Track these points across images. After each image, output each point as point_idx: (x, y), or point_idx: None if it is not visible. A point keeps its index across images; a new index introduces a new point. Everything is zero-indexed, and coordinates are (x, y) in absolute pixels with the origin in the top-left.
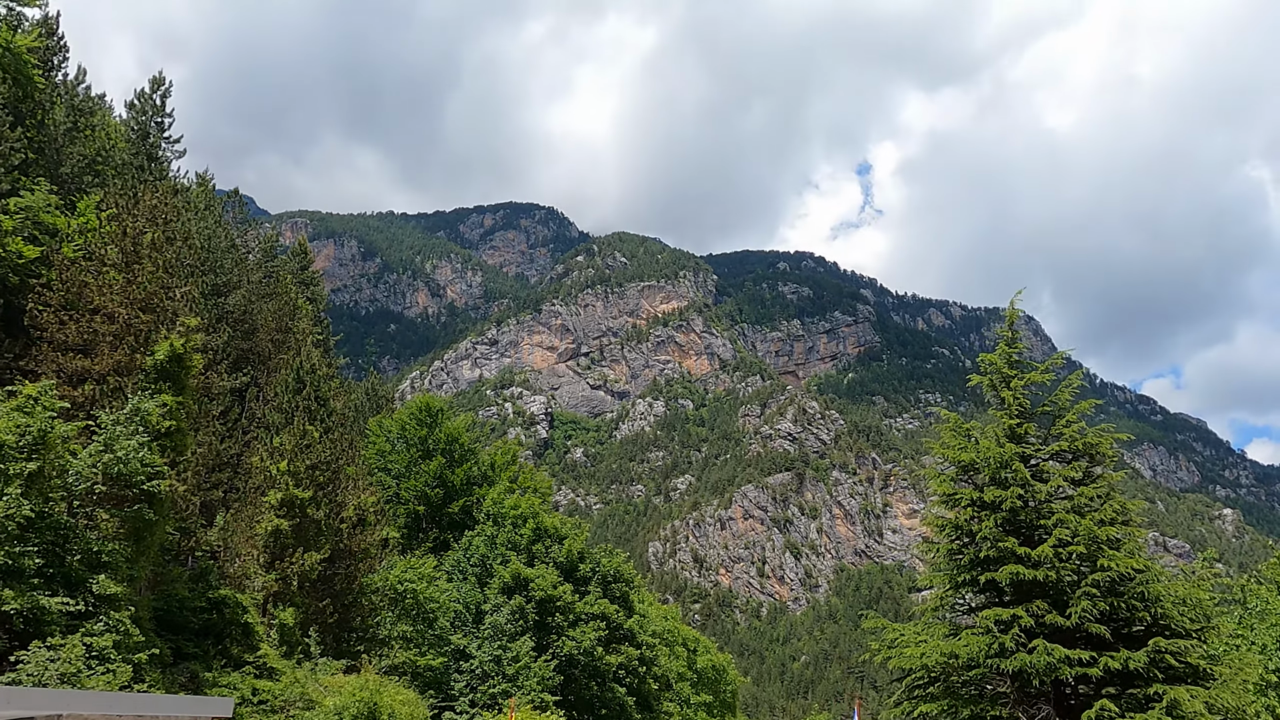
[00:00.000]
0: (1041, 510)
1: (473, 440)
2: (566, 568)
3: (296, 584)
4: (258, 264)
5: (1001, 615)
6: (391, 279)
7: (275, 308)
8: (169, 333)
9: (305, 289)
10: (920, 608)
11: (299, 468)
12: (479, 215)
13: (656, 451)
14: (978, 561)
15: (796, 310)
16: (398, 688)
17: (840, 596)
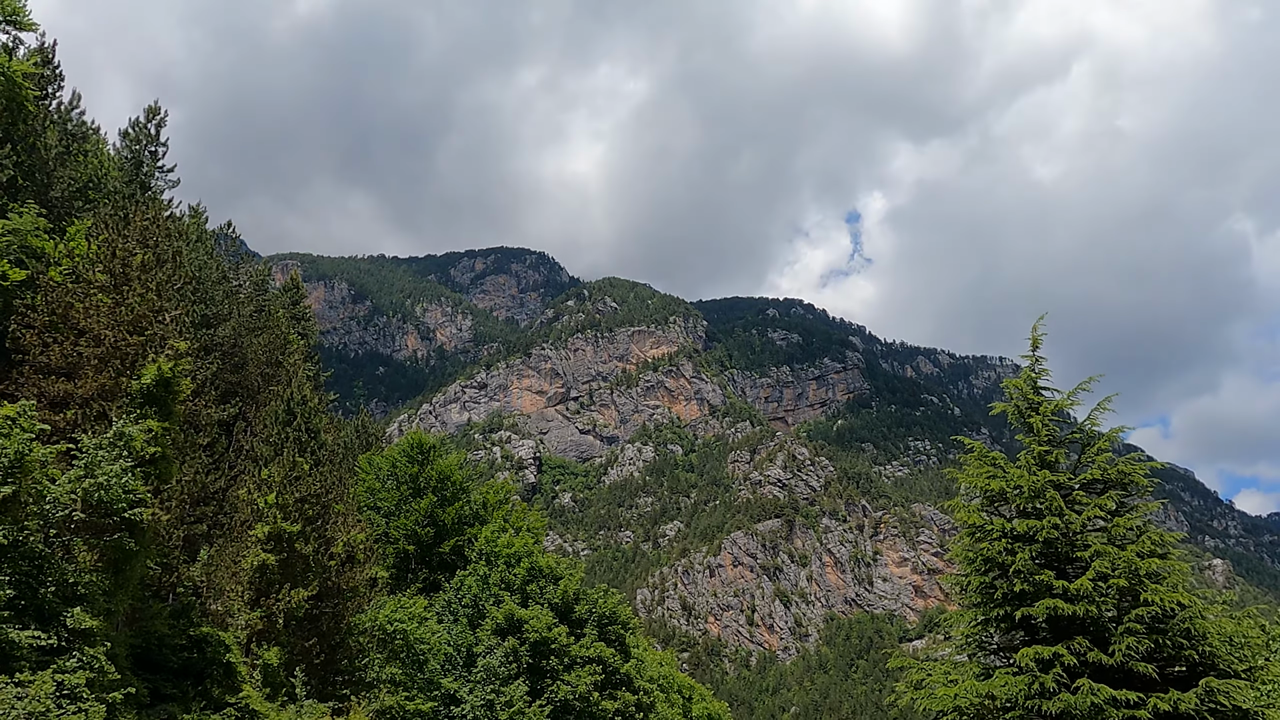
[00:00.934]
0: (1076, 542)
1: (465, 478)
2: (562, 609)
3: (282, 622)
4: (249, 298)
5: (1041, 653)
6: (381, 322)
7: (265, 341)
8: (157, 356)
9: (297, 324)
10: (943, 646)
11: (288, 500)
12: (470, 259)
13: (645, 497)
14: (1011, 596)
15: (786, 356)
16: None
17: (830, 646)
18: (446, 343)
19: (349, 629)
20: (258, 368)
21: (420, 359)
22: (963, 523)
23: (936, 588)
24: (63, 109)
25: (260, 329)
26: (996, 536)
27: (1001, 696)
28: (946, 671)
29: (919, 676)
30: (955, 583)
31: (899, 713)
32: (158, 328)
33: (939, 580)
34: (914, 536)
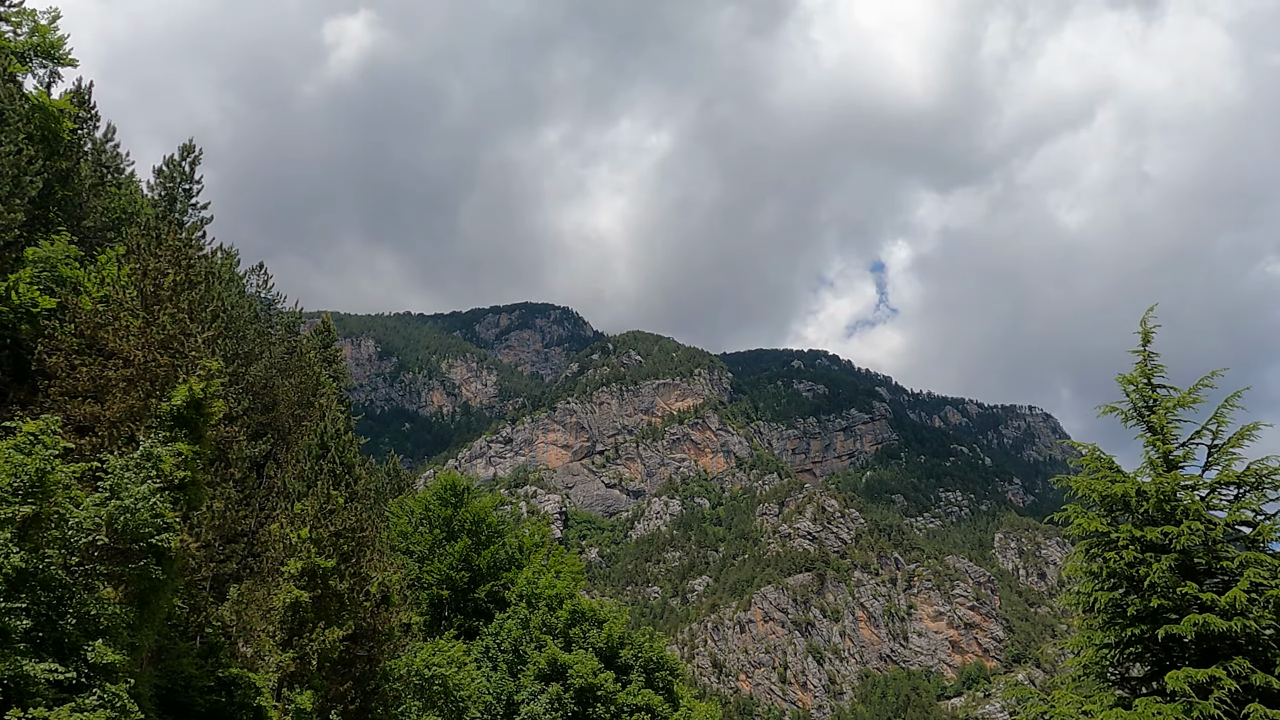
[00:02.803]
0: (1217, 551)
1: (500, 521)
2: (606, 654)
3: (316, 664)
4: (280, 339)
5: (1195, 676)
6: (407, 378)
7: (297, 383)
8: (188, 377)
9: (328, 367)
10: (1062, 676)
11: (322, 535)
12: (494, 315)
13: (673, 551)
14: (1146, 614)
15: (812, 408)
16: None
17: (866, 704)
18: (471, 398)
19: (384, 674)
20: (289, 409)
21: (446, 415)
22: (1080, 533)
23: (974, 642)
24: (97, 142)
25: (292, 371)
26: (1124, 545)
27: None
28: (1080, 702)
29: (1039, 710)
30: (1075, 601)
31: None
32: (189, 349)
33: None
34: (949, 590)
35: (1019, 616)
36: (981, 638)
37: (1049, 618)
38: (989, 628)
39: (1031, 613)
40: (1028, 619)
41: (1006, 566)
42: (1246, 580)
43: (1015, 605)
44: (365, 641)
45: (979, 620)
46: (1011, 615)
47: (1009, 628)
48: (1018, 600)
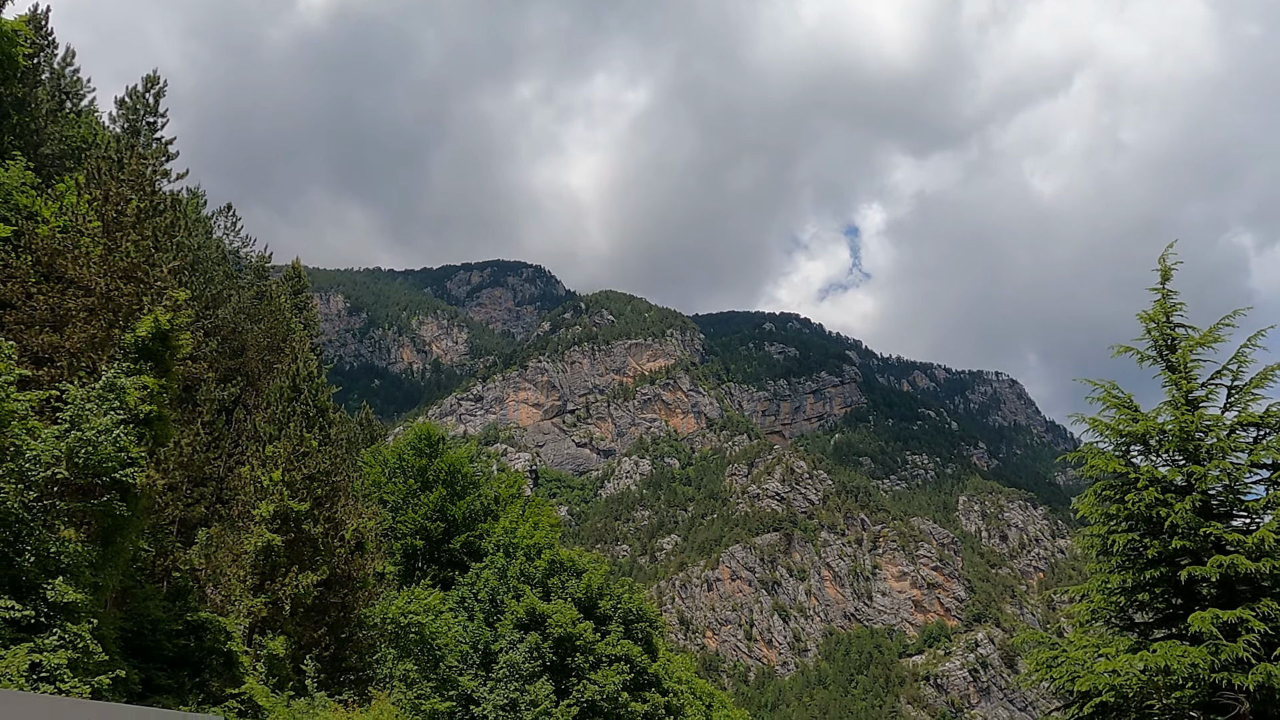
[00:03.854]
0: (1239, 492)
1: (476, 473)
2: (585, 605)
3: (289, 609)
4: (249, 284)
5: (1223, 617)
6: (377, 335)
7: (266, 328)
8: (153, 307)
9: (299, 314)
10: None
11: (295, 478)
12: (466, 273)
13: (642, 511)
14: (1166, 556)
15: (783, 370)
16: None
17: (830, 661)
18: (442, 356)
19: (359, 621)
20: (258, 354)
21: (416, 372)
22: (1097, 474)
23: (936, 602)
24: (55, 66)
25: (261, 316)
26: (1144, 486)
27: (1180, 670)
28: (1096, 645)
29: (1049, 655)
30: (1089, 544)
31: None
32: (154, 279)
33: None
34: (913, 550)
35: (980, 577)
36: (944, 597)
37: (1009, 579)
38: (951, 588)
39: (992, 573)
40: (988, 580)
41: (969, 528)
42: (1275, 520)
43: (977, 566)
44: (339, 588)
45: (941, 580)
46: (973, 576)
47: (970, 588)
48: (979, 561)
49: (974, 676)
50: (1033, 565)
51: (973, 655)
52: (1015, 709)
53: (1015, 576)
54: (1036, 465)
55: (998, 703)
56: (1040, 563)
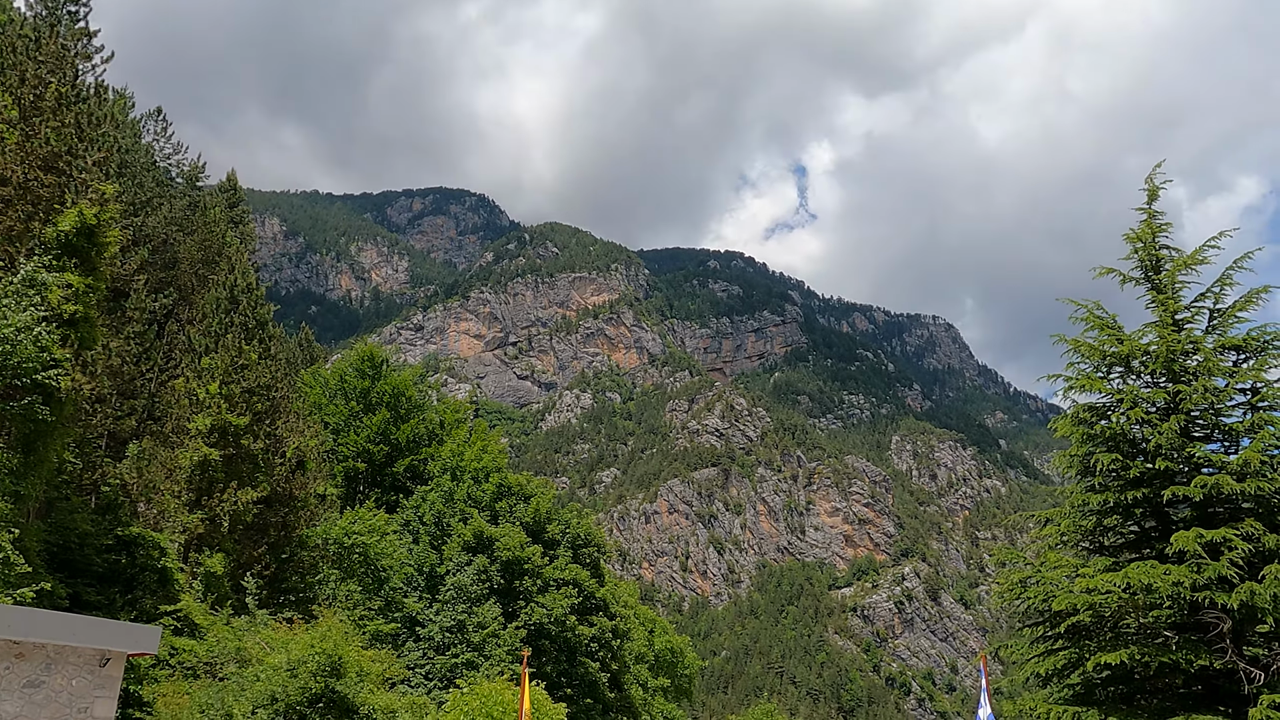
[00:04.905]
0: (1222, 414)
1: (421, 396)
2: (534, 529)
3: (227, 526)
4: (181, 193)
5: (1207, 536)
6: (314, 260)
7: (200, 239)
8: (77, 200)
9: (235, 228)
10: (1039, 543)
11: (233, 391)
12: (407, 199)
13: (583, 444)
14: (1149, 477)
15: (726, 308)
16: (361, 641)
17: (762, 592)
18: (382, 284)
19: (300, 542)
20: (191, 267)
21: (354, 299)
22: (1077, 392)
23: (866, 537)
24: None
25: (194, 227)
26: (1129, 406)
27: (1163, 588)
28: (1067, 566)
29: (1022, 575)
30: (1068, 465)
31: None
32: (77, 170)
33: (868, 531)
34: (846, 487)
35: (909, 514)
36: (873, 533)
37: (936, 516)
38: (881, 524)
39: (921, 511)
40: (917, 516)
41: (901, 467)
42: (1260, 441)
43: (906, 503)
44: (280, 507)
45: (872, 516)
46: (902, 513)
47: (899, 524)
48: (909, 499)
49: (899, 608)
50: (959, 504)
51: (899, 588)
52: (937, 639)
53: (942, 514)
54: (968, 407)
55: (920, 633)
56: (967, 501)
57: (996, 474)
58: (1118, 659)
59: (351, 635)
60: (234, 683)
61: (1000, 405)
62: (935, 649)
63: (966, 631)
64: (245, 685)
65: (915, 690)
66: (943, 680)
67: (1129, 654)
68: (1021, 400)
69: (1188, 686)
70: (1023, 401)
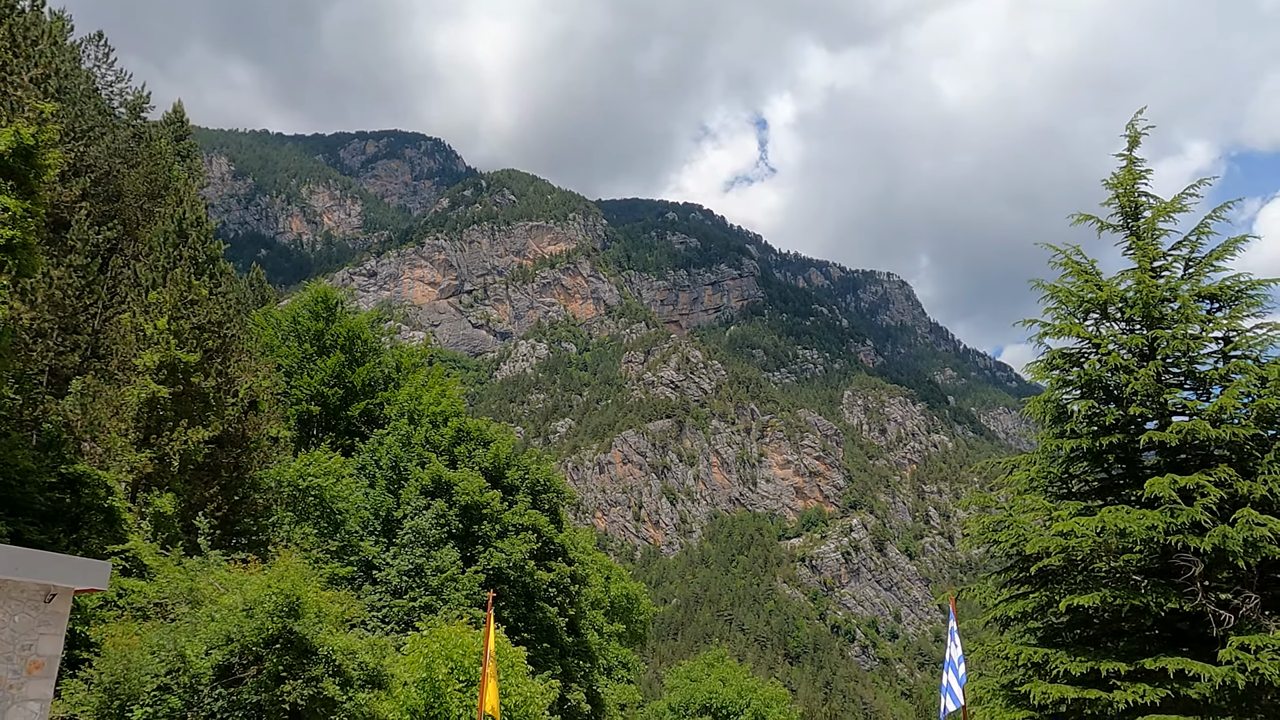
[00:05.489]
0: (1197, 361)
1: (377, 340)
2: (493, 474)
3: (177, 465)
4: (125, 123)
5: (1181, 482)
6: (264, 202)
7: (145, 172)
8: (14, 119)
9: (183, 162)
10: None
11: (183, 327)
12: (360, 141)
13: (538, 394)
14: (1124, 422)
15: (684, 261)
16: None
17: (713, 542)
18: (334, 228)
19: (253, 483)
20: (136, 200)
21: (306, 243)
22: (1054, 337)
23: (816, 489)
24: None
25: (139, 159)
26: (1108, 351)
27: (1137, 531)
28: (1041, 510)
29: (994, 519)
30: (1040, 411)
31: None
32: (12, 86)
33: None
34: (798, 440)
35: (859, 467)
36: (823, 485)
37: (885, 469)
38: (831, 476)
39: (870, 464)
40: (866, 470)
41: (852, 421)
42: (1236, 388)
43: (856, 457)
44: (232, 448)
45: (823, 469)
46: (852, 466)
47: (849, 477)
48: (859, 453)
49: (846, 559)
50: (907, 458)
51: (846, 539)
52: (882, 589)
53: (891, 468)
54: (918, 364)
55: (866, 583)
56: (914, 456)
57: (944, 429)
58: (1090, 601)
59: (310, 576)
60: (187, 623)
61: (950, 362)
62: (880, 598)
63: (910, 581)
64: (199, 626)
65: (859, 638)
66: (886, 628)
67: (1101, 596)
68: (970, 358)
69: (1155, 629)
70: (971, 359)
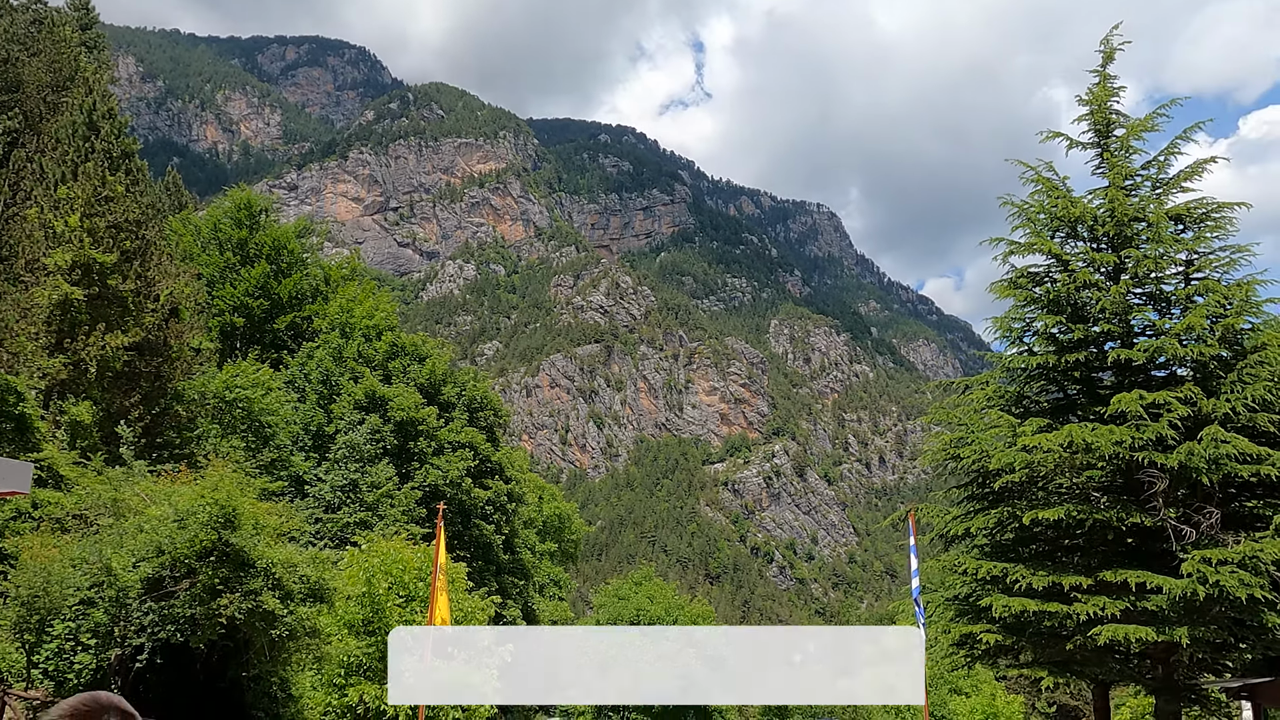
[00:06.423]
0: (1163, 281)
1: (304, 251)
2: (428, 391)
3: (94, 372)
4: (23, 7)
5: (1148, 398)
6: (175, 107)
7: (48, 61)
8: None
9: (90, 53)
10: (967, 408)
11: (97, 226)
12: (280, 46)
13: (465, 315)
14: (1089, 340)
15: (615, 184)
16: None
17: (639, 466)
18: (252, 138)
19: (176, 394)
20: (39, 91)
21: (222, 153)
22: (1021, 255)
23: (741, 416)
24: None
25: (41, 48)
26: (1077, 269)
27: (1104, 447)
28: (1005, 426)
29: (955, 436)
30: (1005, 328)
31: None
32: None
33: (743, 409)
34: (725, 368)
35: (782, 395)
36: (748, 412)
37: (808, 398)
38: (755, 404)
39: (794, 392)
40: (790, 398)
41: (778, 350)
42: (1204, 307)
43: (780, 385)
44: (153, 356)
45: (748, 396)
46: (776, 394)
47: (773, 404)
48: (784, 381)
49: (767, 484)
50: (830, 387)
51: (768, 465)
52: (800, 512)
53: (813, 396)
54: (844, 295)
55: (786, 507)
56: (837, 385)
57: (866, 360)
58: (1054, 515)
59: (245, 487)
60: (112, 535)
61: (874, 294)
62: (798, 521)
63: (828, 506)
64: (125, 538)
65: (778, 559)
66: (803, 550)
67: (1065, 510)
68: (894, 290)
69: (1111, 545)
70: (895, 292)
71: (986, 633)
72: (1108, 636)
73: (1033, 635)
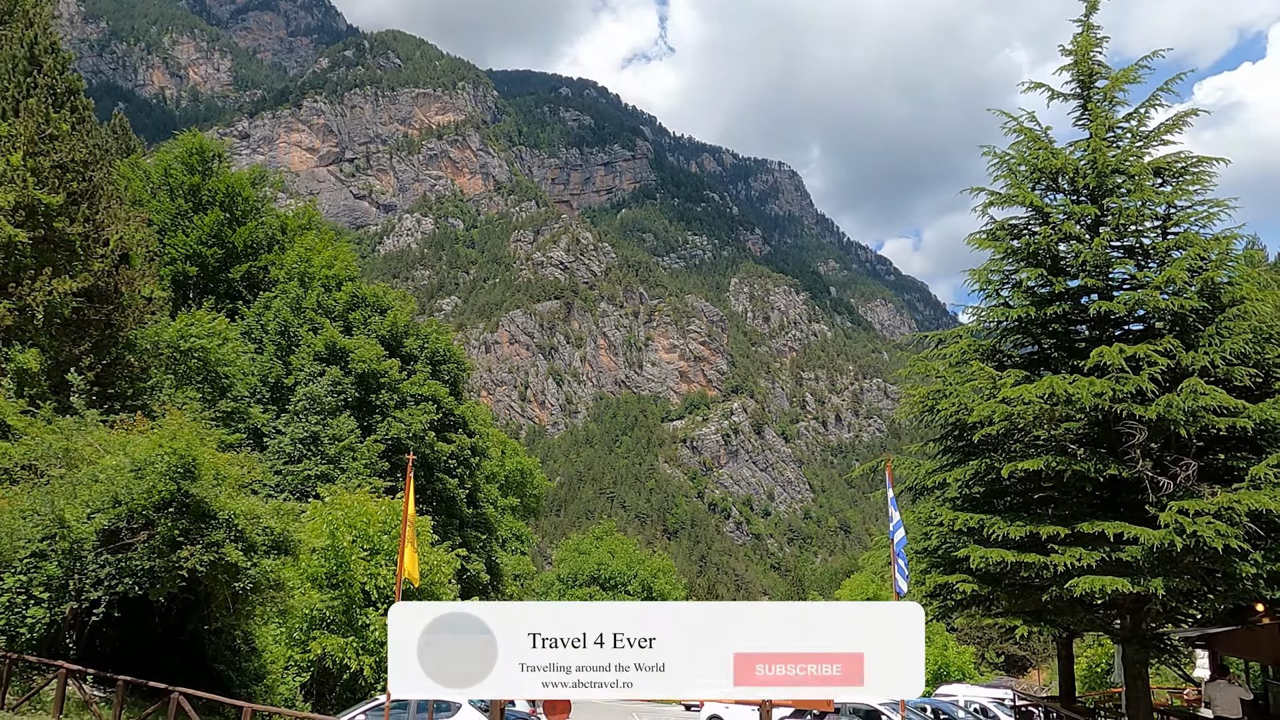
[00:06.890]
0: (1144, 233)
1: (259, 199)
2: (390, 343)
3: (42, 318)
4: None
5: (1129, 351)
6: (120, 50)
7: None
8: None
9: None
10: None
11: (42, 165)
12: None
13: (422, 270)
14: (1070, 293)
15: (576, 139)
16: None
17: (598, 423)
18: (201, 83)
19: (128, 343)
20: None
21: (169, 99)
22: (1000, 206)
23: (700, 373)
24: None
25: None
26: (1063, 218)
27: (1084, 399)
28: (983, 377)
29: (933, 389)
30: (984, 280)
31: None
32: None
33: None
34: (685, 326)
35: (742, 354)
36: (707, 369)
37: (766, 356)
38: (715, 361)
39: (753, 351)
40: (749, 356)
41: (737, 309)
42: (1184, 260)
43: (740, 343)
44: (103, 304)
45: (707, 354)
46: (736, 352)
47: (732, 363)
48: (743, 339)
49: (725, 441)
50: (788, 345)
51: (727, 422)
52: (758, 469)
53: (772, 355)
54: (804, 254)
55: (743, 464)
56: (795, 344)
57: (824, 319)
58: (1034, 466)
59: (205, 437)
60: (64, 485)
61: (834, 254)
62: (755, 478)
63: (785, 463)
64: (79, 488)
65: (735, 515)
66: (760, 506)
67: (1045, 461)
68: (853, 250)
69: (1086, 496)
70: (854, 252)
71: (963, 583)
72: (1084, 588)
73: (1008, 586)
